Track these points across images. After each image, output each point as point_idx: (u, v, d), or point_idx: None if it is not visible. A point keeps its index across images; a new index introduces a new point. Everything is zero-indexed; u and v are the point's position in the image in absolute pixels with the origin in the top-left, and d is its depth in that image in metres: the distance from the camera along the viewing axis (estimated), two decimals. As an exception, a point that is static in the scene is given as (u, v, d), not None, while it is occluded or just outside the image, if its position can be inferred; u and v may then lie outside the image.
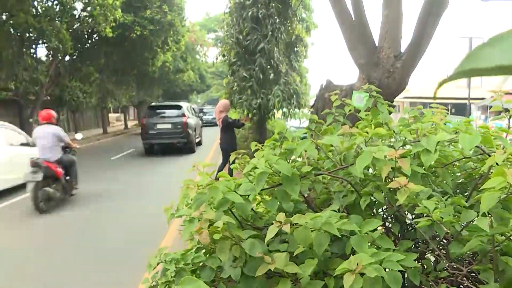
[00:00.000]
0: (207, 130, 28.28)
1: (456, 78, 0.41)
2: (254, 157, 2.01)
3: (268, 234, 1.51)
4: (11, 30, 16.07)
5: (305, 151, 1.99)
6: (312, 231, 1.53)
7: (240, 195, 1.80)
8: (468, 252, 1.74)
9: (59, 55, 18.38)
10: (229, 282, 1.88)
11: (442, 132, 1.80)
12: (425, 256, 1.99)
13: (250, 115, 13.11)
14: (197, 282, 1.32)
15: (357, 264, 1.32)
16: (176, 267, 1.92)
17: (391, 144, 1.99)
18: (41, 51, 28.39)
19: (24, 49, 17.19)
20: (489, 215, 1.43)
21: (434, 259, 1.90)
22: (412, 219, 1.88)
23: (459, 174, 2.19)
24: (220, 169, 8.66)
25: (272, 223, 1.61)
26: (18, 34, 16.15)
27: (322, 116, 2.97)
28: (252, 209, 1.99)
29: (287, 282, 1.56)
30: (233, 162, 2.36)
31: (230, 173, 7.42)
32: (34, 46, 18.22)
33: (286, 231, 1.48)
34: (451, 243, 1.62)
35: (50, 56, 18.88)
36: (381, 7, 3.92)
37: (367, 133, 1.94)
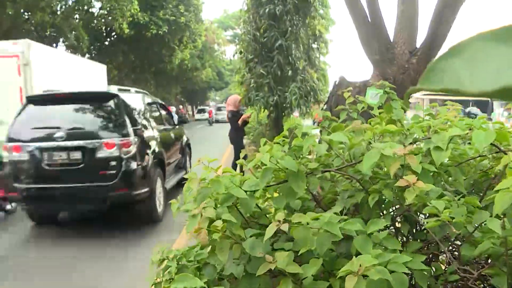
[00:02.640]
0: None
1: (418, 91, 0.39)
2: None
3: (267, 233, 1.47)
4: (32, 28, 16.34)
5: (313, 147, 1.93)
6: (314, 230, 1.48)
7: (245, 191, 1.76)
8: (482, 255, 1.67)
9: (77, 53, 18.62)
10: (234, 279, 1.84)
11: (455, 128, 1.72)
12: (439, 258, 1.92)
13: (267, 112, 13.05)
14: (193, 279, 1.28)
15: (360, 266, 1.26)
16: (178, 264, 1.89)
17: (401, 140, 1.92)
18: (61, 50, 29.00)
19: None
20: (503, 216, 1.36)
21: (446, 261, 1.83)
22: (426, 219, 1.81)
23: (475, 172, 2.11)
24: (233, 165, 8.64)
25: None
26: (38, 32, 16.41)
27: (335, 113, 2.91)
28: (257, 205, 1.94)
29: (288, 282, 1.51)
30: (244, 158, 2.31)
31: (234, 167, 7.41)
32: (54, 44, 18.49)
33: (284, 230, 1.43)
34: (462, 245, 1.55)
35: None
36: (396, 1, 3.82)
37: (377, 129, 1.88)
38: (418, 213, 1.84)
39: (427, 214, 1.73)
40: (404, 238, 1.95)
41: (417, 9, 3.77)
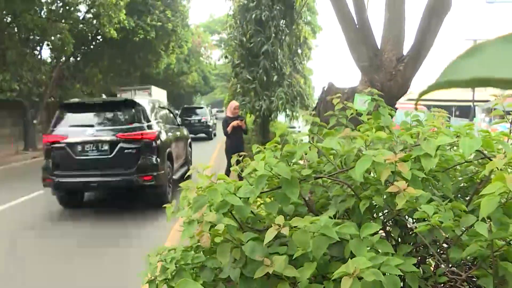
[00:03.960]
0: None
1: (436, 89, 0.42)
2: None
3: (267, 236, 1.51)
4: (16, 31, 16.17)
5: (305, 154, 1.98)
6: (311, 234, 1.53)
7: (240, 198, 1.80)
8: (468, 257, 1.73)
9: (63, 56, 18.47)
10: (229, 282, 1.88)
11: (443, 136, 1.79)
12: (426, 261, 1.98)
13: (254, 117, 13.11)
14: (195, 284, 1.32)
15: (355, 268, 1.31)
16: (176, 266, 1.92)
17: (392, 147, 1.98)
18: (46, 53, 28.77)
19: (28, 50, 17.29)
20: (489, 220, 1.42)
21: (434, 263, 1.89)
22: (413, 223, 1.87)
23: (460, 178, 2.18)
24: (226, 172, 8.33)
25: (272, 226, 1.61)
26: (23, 35, 16.24)
27: (324, 118, 2.97)
28: (251, 211, 1.99)
29: (286, 285, 1.56)
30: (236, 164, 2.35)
31: (228, 174, 7.24)
32: (38, 47, 18.32)
33: (285, 234, 1.48)
34: (450, 247, 1.62)
35: (54, 57, 18.98)
36: (383, 9, 3.91)
37: (368, 136, 1.93)
38: (407, 217, 1.91)
39: (415, 219, 1.80)
40: (394, 242, 2.01)
41: (404, 16, 3.86)
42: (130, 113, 7.59)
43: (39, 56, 18.62)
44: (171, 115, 9.98)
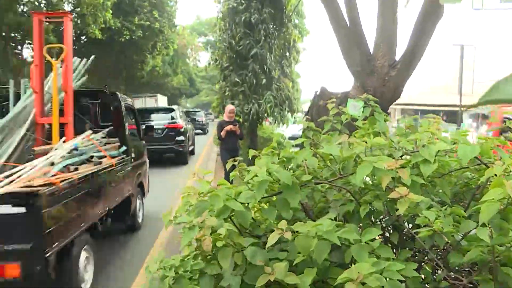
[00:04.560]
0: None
1: (481, 105, 0.47)
2: (252, 164, 2.01)
3: (269, 241, 1.52)
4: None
5: (305, 160, 1.99)
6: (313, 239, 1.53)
7: (241, 203, 1.80)
8: (468, 262, 1.75)
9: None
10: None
11: (441, 142, 1.81)
12: (422, 266, 2.00)
13: (241, 121, 13.09)
14: (200, 291, 1.32)
15: (359, 274, 1.32)
16: (175, 273, 1.91)
17: (390, 154, 2.00)
18: (27, 52, 28.32)
19: (8, 50, 17.03)
20: (489, 226, 1.44)
21: (431, 268, 1.92)
22: (410, 229, 1.89)
23: (456, 184, 2.21)
24: (225, 177, 8.06)
25: (271, 231, 1.61)
26: (3, 34, 16.00)
27: (317, 123, 2.99)
28: (251, 217, 1.99)
29: (287, 292, 1.56)
30: (231, 170, 2.35)
31: (226, 178, 7.10)
32: (19, 46, 18.06)
33: (287, 238, 1.49)
34: (450, 253, 1.64)
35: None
36: (376, 15, 3.95)
37: (366, 142, 1.95)
38: (406, 222, 1.92)
39: (412, 224, 1.82)
40: (391, 246, 2.03)
41: (396, 23, 3.91)
42: (170, 114, 14.99)
43: (20, 56, 18.34)
44: (185, 115, 17.54)
